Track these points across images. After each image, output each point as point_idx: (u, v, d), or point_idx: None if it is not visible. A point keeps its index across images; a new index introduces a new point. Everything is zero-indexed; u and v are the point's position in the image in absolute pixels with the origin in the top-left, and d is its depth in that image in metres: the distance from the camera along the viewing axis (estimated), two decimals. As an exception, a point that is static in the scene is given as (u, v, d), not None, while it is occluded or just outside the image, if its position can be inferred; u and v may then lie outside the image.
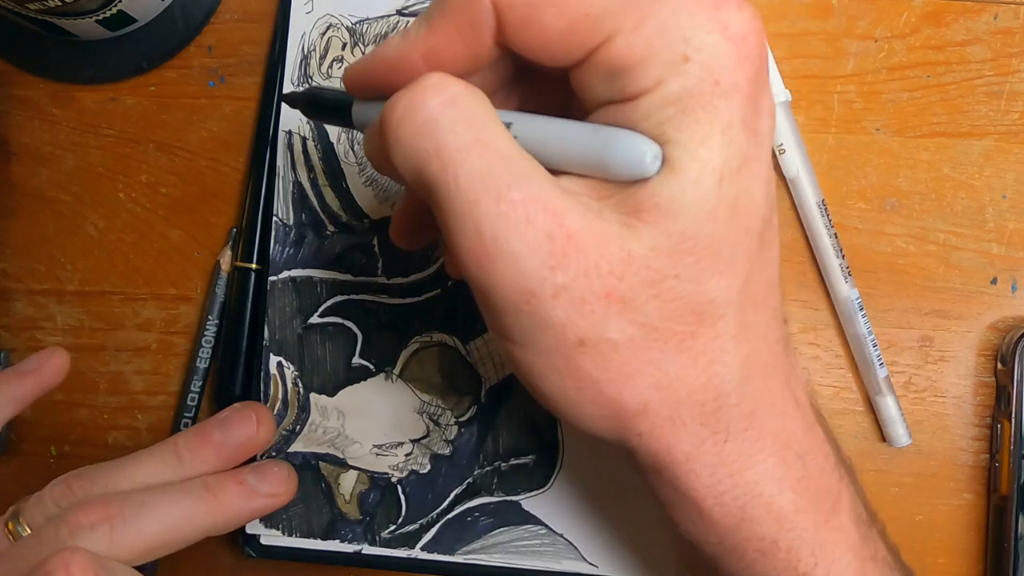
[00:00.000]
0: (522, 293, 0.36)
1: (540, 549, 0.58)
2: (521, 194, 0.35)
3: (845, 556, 0.43)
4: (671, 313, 0.37)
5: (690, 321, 0.38)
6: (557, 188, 0.36)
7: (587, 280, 0.36)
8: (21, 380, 0.55)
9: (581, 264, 0.36)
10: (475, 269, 0.37)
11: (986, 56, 0.60)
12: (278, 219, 0.58)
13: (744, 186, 0.37)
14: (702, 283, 0.37)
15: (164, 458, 0.52)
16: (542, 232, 0.35)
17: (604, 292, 0.36)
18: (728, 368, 0.39)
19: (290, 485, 0.54)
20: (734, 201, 0.37)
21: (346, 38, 0.58)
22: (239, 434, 0.52)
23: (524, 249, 0.35)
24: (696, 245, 0.36)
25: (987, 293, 0.60)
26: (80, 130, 0.62)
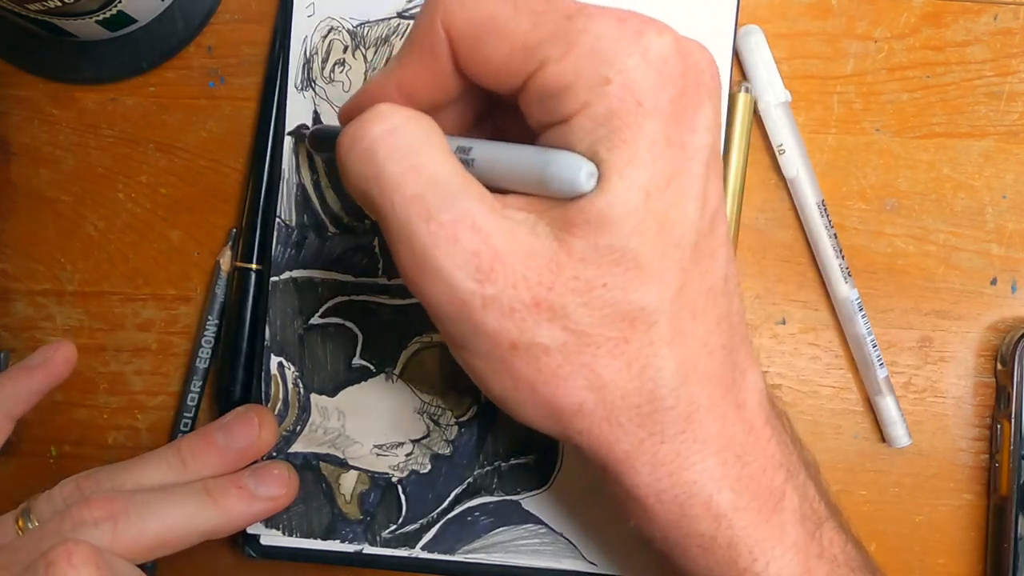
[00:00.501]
0: (453, 304, 0.39)
1: (540, 548, 0.58)
2: (449, 215, 0.38)
3: (787, 554, 0.43)
4: (602, 320, 0.39)
5: (622, 327, 0.39)
6: (487, 208, 0.39)
7: (515, 291, 0.38)
8: (31, 374, 0.57)
9: (509, 277, 0.38)
10: (413, 284, 0.40)
11: (986, 56, 0.61)
12: (281, 220, 0.58)
13: (672, 201, 0.39)
14: (630, 292, 0.39)
15: (168, 461, 0.53)
16: (469, 250, 0.38)
17: (533, 302, 0.39)
18: (662, 373, 0.40)
19: (290, 488, 0.55)
20: (662, 215, 0.38)
21: (347, 41, 0.58)
22: (242, 438, 0.54)
23: (452, 265, 0.38)
24: (623, 257, 0.38)
25: (987, 293, 0.60)
26: (80, 130, 0.62)
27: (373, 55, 0.58)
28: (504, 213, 0.39)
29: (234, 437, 0.54)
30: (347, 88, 0.58)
